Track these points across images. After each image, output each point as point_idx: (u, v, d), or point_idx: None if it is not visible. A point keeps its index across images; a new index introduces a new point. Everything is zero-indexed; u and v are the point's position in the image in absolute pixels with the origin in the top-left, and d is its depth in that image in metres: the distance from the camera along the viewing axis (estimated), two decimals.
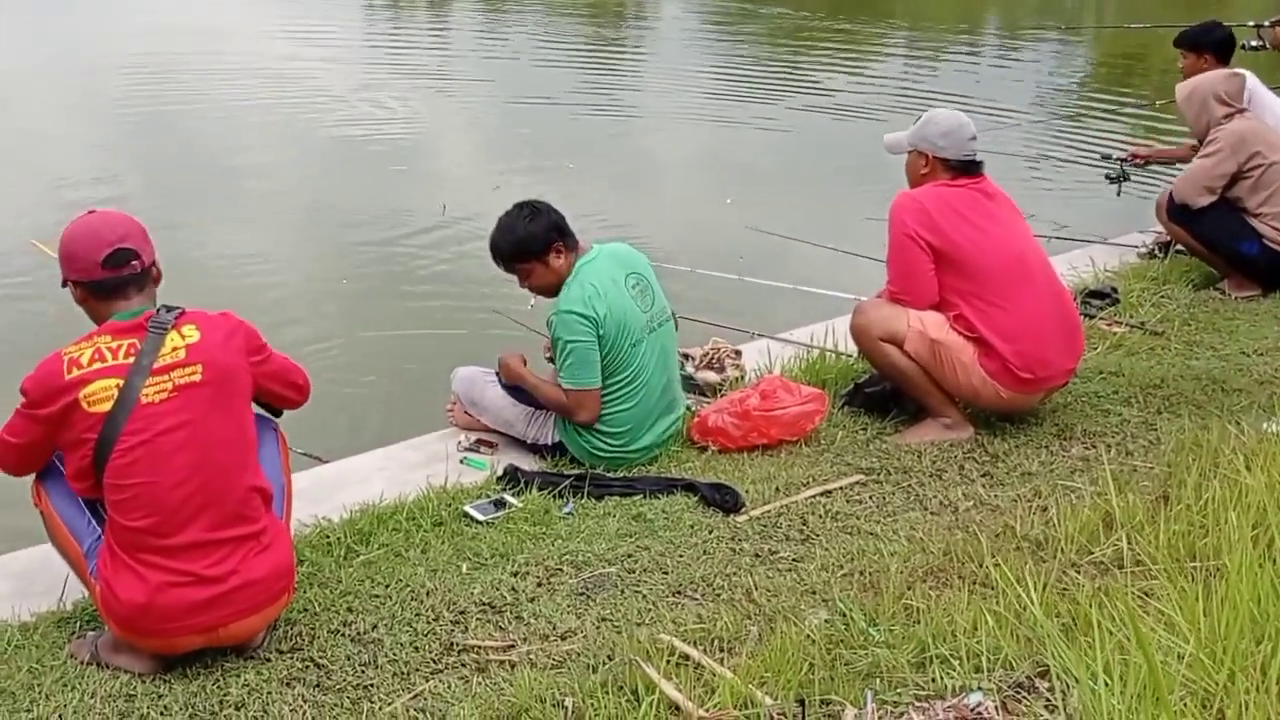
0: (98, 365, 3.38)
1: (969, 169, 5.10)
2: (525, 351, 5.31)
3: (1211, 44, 7.63)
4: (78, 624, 3.77)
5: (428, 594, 3.89)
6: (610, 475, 4.83)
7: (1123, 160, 8.38)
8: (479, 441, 5.19)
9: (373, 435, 5.64)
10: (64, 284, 3.57)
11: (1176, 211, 7.11)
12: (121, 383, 3.36)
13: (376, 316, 7.96)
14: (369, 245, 9.30)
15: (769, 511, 4.47)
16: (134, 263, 3.50)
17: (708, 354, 5.66)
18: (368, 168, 11.63)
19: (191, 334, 3.48)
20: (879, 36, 22.64)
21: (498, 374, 5.26)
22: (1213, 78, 7.10)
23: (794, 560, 4.10)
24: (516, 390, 5.19)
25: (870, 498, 4.62)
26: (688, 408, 5.26)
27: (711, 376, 5.67)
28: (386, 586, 3.95)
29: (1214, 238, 7.08)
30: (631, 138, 13.56)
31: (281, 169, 11.67)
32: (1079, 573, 3.75)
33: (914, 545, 4.14)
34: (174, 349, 3.43)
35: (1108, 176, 8.45)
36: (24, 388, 3.44)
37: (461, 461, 5.02)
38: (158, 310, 3.50)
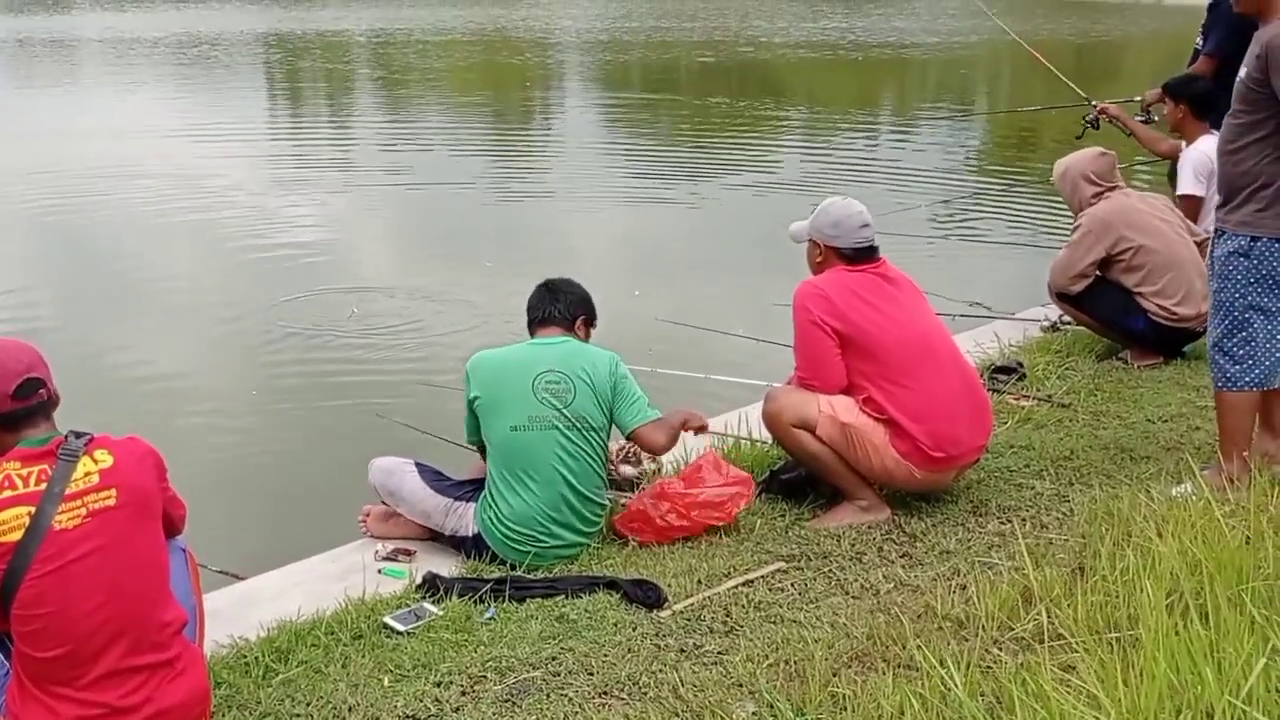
0: (8, 493, 3.31)
1: (862, 256, 5.18)
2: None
3: (1188, 95, 7.87)
4: None
5: (350, 710, 3.82)
6: (531, 576, 4.79)
7: (1095, 114, 9.01)
8: (396, 550, 5.13)
9: (287, 548, 5.55)
10: None
11: (1061, 293, 7.28)
12: (33, 510, 3.30)
13: (286, 426, 7.89)
14: (279, 352, 9.23)
15: (692, 604, 4.45)
16: (41, 391, 3.47)
17: (623, 448, 5.65)
18: (276, 271, 11.56)
19: (104, 458, 3.43)
20: (780, 120, 23.02)
21: (417, 464, 5.24)
22: (1083, 157, 7.32)
23: (719, 653, 4.08)
24: (435, 480, 5.18)
25: (792, 585, 4.62)
26: (607, 502, 5.24)
27: (629, 470, 5.67)
28: (307, 705, 3.86)
29: (1101, 316, 7.27)
30: (540, 229, 13.63)
31: (187, 276, 11.56)
32: (1001, 650, 3.78)
33: (837, 631, 4.15)
34: (86, 474, 3.38)
35: (1084, 118, 9.16)
36: None
37: (379, 571, 4.96)
38: (66, 436, 3.44)
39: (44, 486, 3.33)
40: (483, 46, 38.35)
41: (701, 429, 5.40)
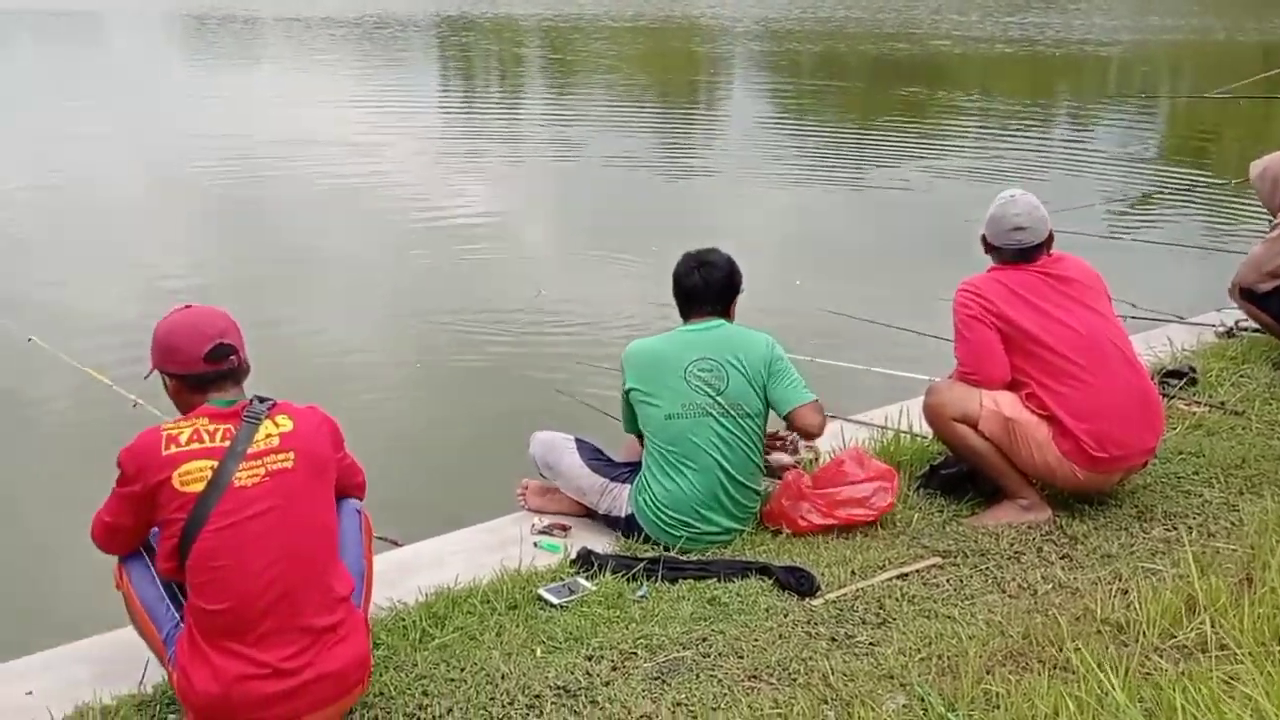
0: (195, 446, 3.44)
1: (1019, 257, 5.09)
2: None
3: None
4: (157, 707, 3.80)
5: (502, 678, 3.88)
6: (684, 558, 4.81)
7: None
8: (552, 525, 5.20)
9: (446, 518, 5.66)
10: (151, 374, 3.67)
11: (1246, 291, 7.05)
12: (216, 465, 3.42)
13: (451, 399, 8.03)
14: (444, 323, 9.41)
15: (844, 594, 4.43)
16: (231, 358, 3.60)
17: (781, 436, 5.64)
18: (448, 246, 11.79)
19: (285, 423, 3.55)
20: (956, 112, 22.68)
21: (577, 441, 5.30)
22: None
23: (870, 644, 4.06)
24: (594, 459, 5.23)
25: (947, 581, 4.57)
26: (762, 490, 5.23)
27: (784, 458, 5.65)
28: (461, 670, 3.94)
29: None
30: (705, 210, 13.70)
31: (358, 245, 11.86)
32: (1161, 657, 3.70)
33: (992, 629, 4.09)
34: (267, 436, 3.51)
35: None
36: (120, 460, 3.50)
37: (535, 545, 5.03)
38: (250, 400, 3.57)
39: (228, 444, 3.45)
40: (651, 34, 38.48)
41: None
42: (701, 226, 12.25)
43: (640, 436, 5.20)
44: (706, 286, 5.14)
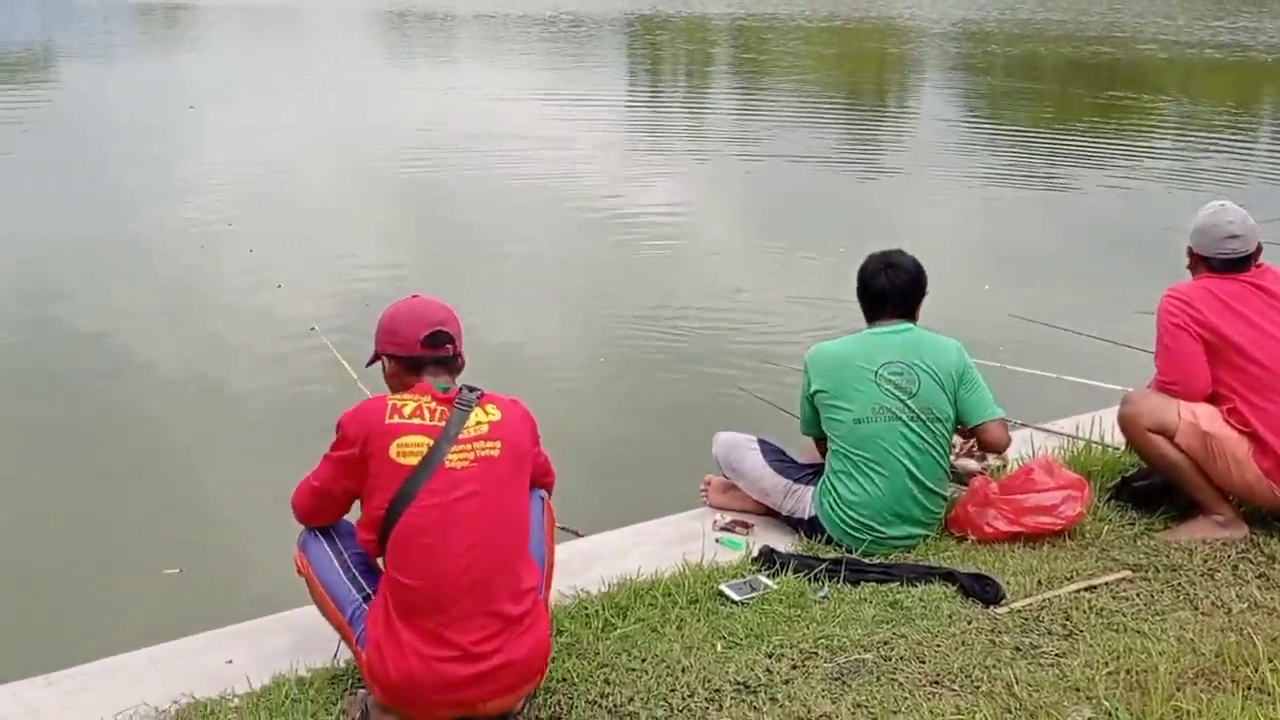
0: (416, 420, 3.56)
1: (1230, 266, 4.94)
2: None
3: None
4: (349, 681, 3.92)
5: (683, 670, 3.92)
6: (867, 561, 4.79)
7: None
8: (734, 522, 5.22)
9: (628, 512, 5.72)
10: (372, 361, 3.84)
11: None
12: (431, 442, 3.53)
13: (634, 393, 8.12)
14: (630, 322, 9.51)
15: (1030, 604, 4.37)
16: (448, 346, 3.73)
17: (967, 441, 5.57)
18: (634, 240, 11.91)
19: (493, 412, 3.65)
20: (1152, 116, 22.08)
21: (760, 442, 5.31)
22: None
23: (1056, 655, 3.99)
24: (777, 460, 5.23)
25: (1137, 595, 4.47)
26: (949, 496, 5.18)
27: (971, 464, 5.59)
28: (643, 661, 3.99)
29: None
30: (893, 210, 13.62)
31: (547, 243, 12.03)
32: None
33: (1184, 646, 4.00)
34: (477, 423, 3.60)
35: None
36: (340, 422, 3.63)
37: (717, 541, 5.06)
38: (461, 389, 3.68)
39: (443, 425, 3.56)
40: (845, 34, 38.24)
41: None
42: (888, 227, 12.17)
43: (820, 439, 5.19)
44: (893, 289, 5.08)
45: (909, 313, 5.12)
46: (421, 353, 3.70)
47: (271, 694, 3.84)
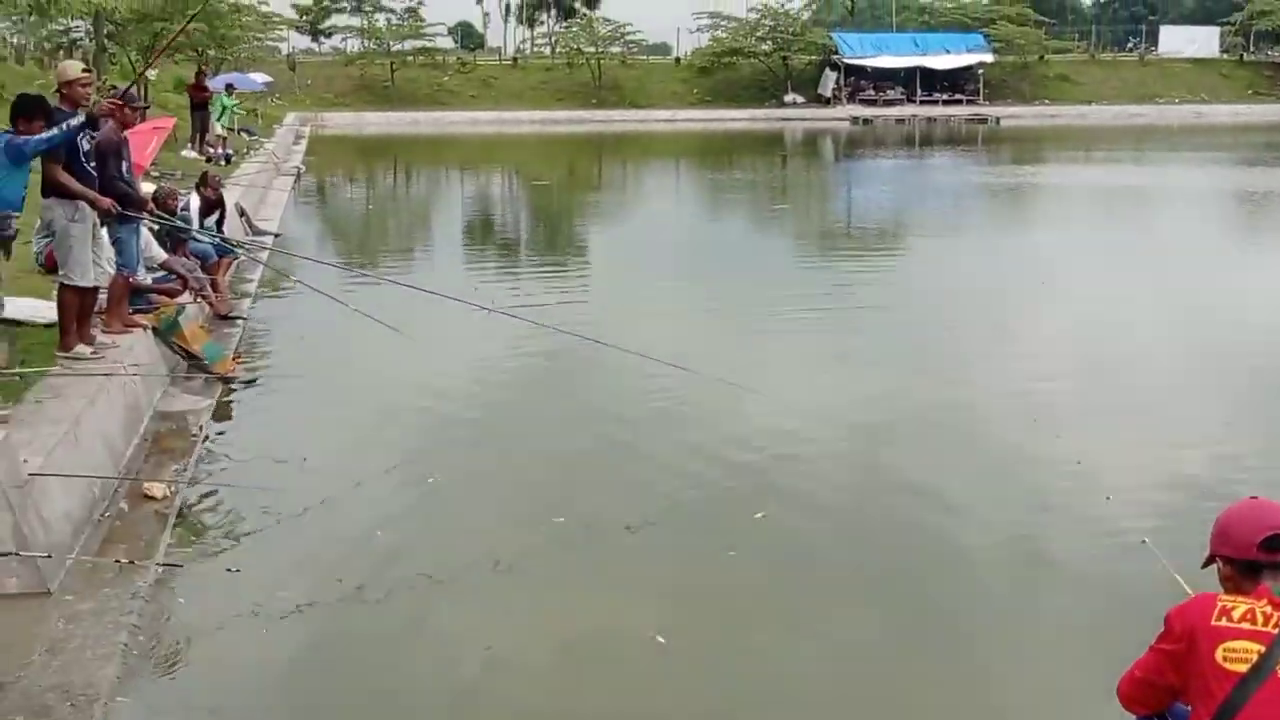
0: (1245, 625, 3.42)
1: None
2: None
3: None
4: None
5: None
6: None
7: None
8: None
9: None
10: (1207, 562, 3.75)
11: None
12: (1262, 649, 3.36)
13: None
14: None
15: None
16: None
17: None
18: None
19: None
20: None
21: None
22: None
23: None
24: None
25: None
26: None
27: None
28: None
29: None
30: None
31: None
32: None
33: None
34: None
35: None
36: (1168, 617, 3.62)
37: None
38: None
39: (1277, 631, 3.39)
40: None
41: None
42: None
43: None
44: None
45: None
46: (1257, 556, 3.55)
47: None
